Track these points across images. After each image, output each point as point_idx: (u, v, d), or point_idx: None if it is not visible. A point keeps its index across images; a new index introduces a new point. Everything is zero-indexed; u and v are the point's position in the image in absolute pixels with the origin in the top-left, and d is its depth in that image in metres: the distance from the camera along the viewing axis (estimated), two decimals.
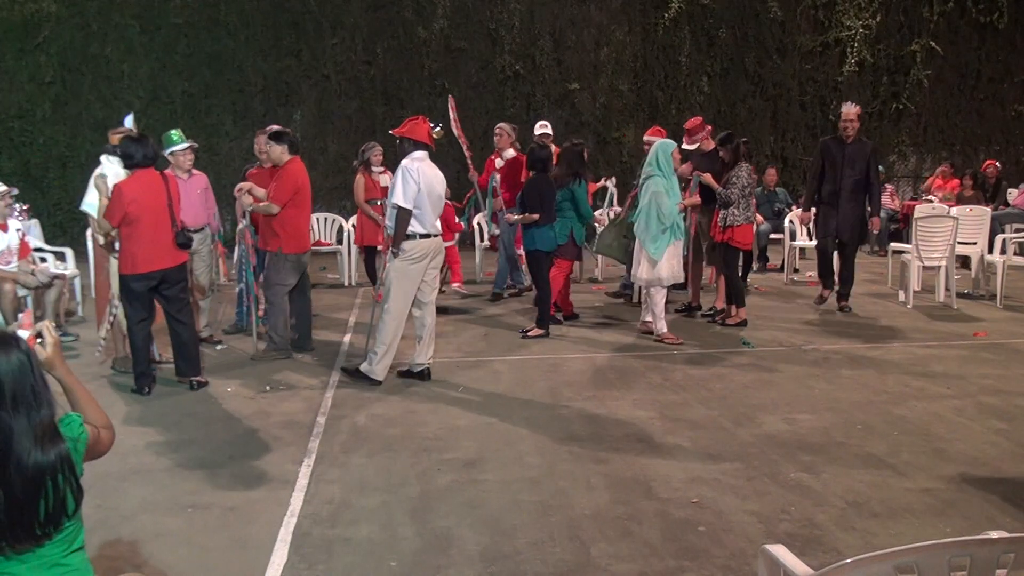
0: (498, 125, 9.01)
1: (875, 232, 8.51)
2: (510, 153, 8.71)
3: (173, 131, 6.69)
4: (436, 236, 5.85)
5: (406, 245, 5.69)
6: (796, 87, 14.33)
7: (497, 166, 8.72)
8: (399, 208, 5.64)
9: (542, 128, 8.62)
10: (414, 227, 5.70)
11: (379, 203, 7.96)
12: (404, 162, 5.73)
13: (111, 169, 5.97)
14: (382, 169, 8.36)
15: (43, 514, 2.03)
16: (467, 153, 8.78)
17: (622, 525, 3.67)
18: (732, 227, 7.34)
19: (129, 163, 5.53)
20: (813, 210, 8.40)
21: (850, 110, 8.00)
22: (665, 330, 6.97)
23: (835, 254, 8.32)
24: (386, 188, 7.31)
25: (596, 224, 8.89)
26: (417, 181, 5.63)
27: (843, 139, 7.99)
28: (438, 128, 5.91)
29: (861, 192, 8.00)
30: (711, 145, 7.83)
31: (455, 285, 8.77)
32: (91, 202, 6.04)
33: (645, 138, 8.59)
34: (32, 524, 2.02)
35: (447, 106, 8.76)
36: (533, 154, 7.34)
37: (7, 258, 6.91)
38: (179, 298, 5.73)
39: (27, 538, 2.03)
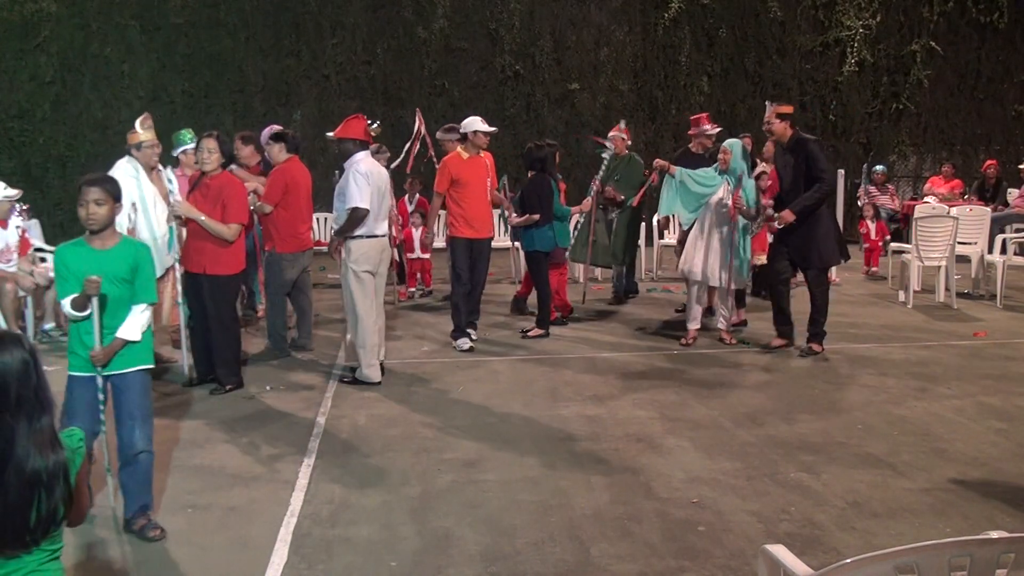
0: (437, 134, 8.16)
1: (779, 225, 6.44)
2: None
3: (184, 130, 6.69)
4: (382, 237, 5.87)
5: (352, 246, 5.73)
6: (796, 87, 14.32)
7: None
8: (358, 209, 5.64)
9: (483, 124, 6.97)
10: (360, 229, 5.72)
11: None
12: (355, 165, 5.74)
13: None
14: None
15: (34, 521, 1.99)
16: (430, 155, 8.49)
17: (622, 525, 3.67)
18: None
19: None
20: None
21: (768, 111, 6.60)
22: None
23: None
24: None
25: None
26: (370, 183, 5.69)
27: (783, 145, 6.59)
28: (375, 125, 5.90)
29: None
30: (699, 148, 7.85)
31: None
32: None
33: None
34: (23, 530, 1.98)
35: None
36: (531, 154, 7.30)
37: (7, 256, 6.91)
38: None
39: (16, 544, 1.99)
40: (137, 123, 6.03)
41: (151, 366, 3.65)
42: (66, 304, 3.45)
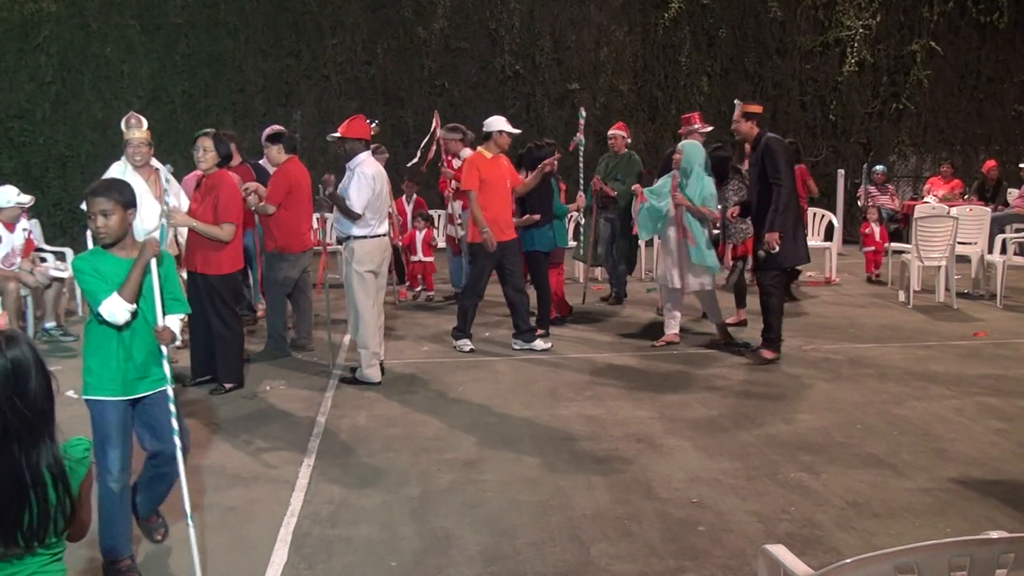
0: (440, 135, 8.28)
1: (772, 250, 6.11)
2: (466, 153, 7.93)
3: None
4: (383, 236, 5.92)
5: (355, 246, 5.75)
6: (796, 87, 14.33)
7: (455, 165, 8.12)
8: (352, 212, 5.67)
9: (508, 125, 6.80)
10: (364, 229, 5.74)
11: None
12: (361, 167, 5.78)
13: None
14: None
15: (26, 523, 1.96)
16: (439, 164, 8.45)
17: (622, 525, 3.67)
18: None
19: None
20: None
21: (736, 110, 6.36)
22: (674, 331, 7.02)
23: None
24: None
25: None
26: (372, 186, 5.72)
27: (750, 145, 6.41)
28: (375, 124, 6.00)
29: (768, 205, 6.18)
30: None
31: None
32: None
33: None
34: (12, 531, 1.96)
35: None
36: (531, 154, 7.32)
37: (11, 259, 6.92)
38: None
39: (7, 543, 1.97)
40: (122, 123, 6.04)
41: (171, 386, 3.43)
42: (114, 300, 2.99)
